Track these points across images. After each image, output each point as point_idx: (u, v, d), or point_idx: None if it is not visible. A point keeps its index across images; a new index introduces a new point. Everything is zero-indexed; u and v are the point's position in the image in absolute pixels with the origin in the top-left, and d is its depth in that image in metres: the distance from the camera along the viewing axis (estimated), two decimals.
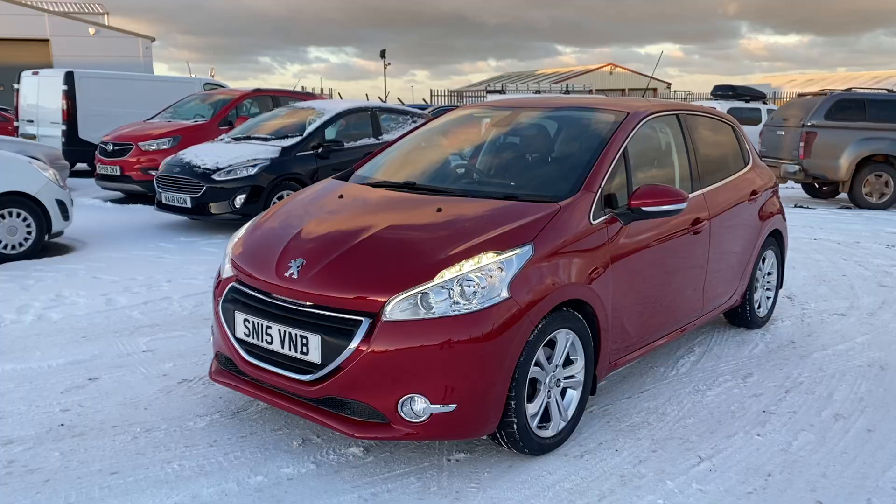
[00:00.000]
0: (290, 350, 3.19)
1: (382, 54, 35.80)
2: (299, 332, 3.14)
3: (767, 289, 5.50)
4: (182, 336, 4.91)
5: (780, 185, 14.73)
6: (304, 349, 3.13)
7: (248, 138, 9.34)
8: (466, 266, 3.09)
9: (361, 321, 3.03)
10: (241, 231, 3.89)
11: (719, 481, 3.19)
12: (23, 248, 7.16)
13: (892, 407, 4.02)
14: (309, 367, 3.13)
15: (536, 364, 3.25)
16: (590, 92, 51.03)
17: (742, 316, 5.24)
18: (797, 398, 4.12)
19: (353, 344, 3.00)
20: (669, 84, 57.87)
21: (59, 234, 7.70)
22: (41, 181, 7.28)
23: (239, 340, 3.42)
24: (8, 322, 5.15)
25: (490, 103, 4.89)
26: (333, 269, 3.22)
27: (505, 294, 3.06)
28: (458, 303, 3.03)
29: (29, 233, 7.20)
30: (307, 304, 3.18)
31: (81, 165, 14.23)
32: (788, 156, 12.63)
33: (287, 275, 3.28)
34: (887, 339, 5.20)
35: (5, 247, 7.05)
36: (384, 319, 3.00)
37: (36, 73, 14.72)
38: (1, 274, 6.50)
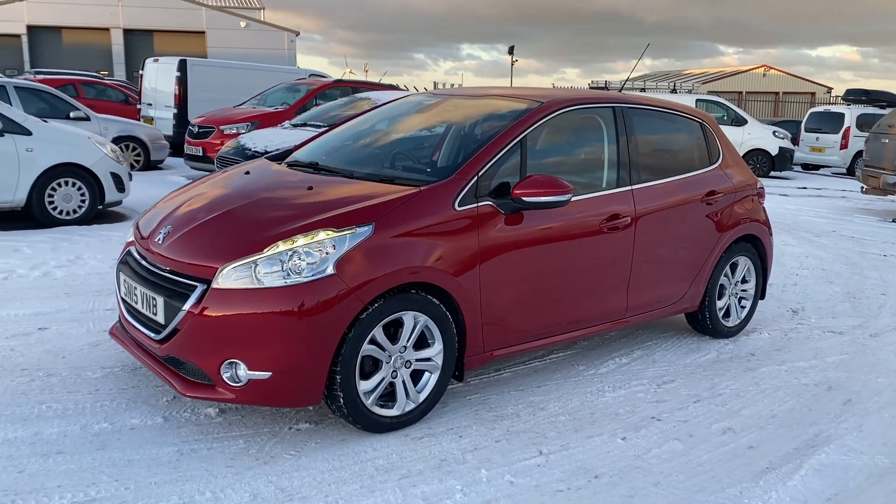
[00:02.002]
0: (146, 310, 3.43)
1: (510, 51, 35.90)
2: (151, 294, 3.37)
3: (743, 298, 5.19)
4: None
5: (886, 198, 13.56)
6: (154, 310, 3.36)
7: (305, 125, 9.76)
8: (300, 241, 3.19)
9: (196, 286, 3.21)
10: (160, 199, 4.18)
11: (538, 476, 3.12)
12: (76, 215, 7.90)
13: (798, 426, 3.74)
14: (158, 327, 3.35)
15: (373, 342, 3.30)
16: (739, 96, 48.69)
17: (702, 323, 4.98)
18: (701, 409, 3.91)
19: (186, 307, 3.19)
20: (830, 88, 54.14)
21: (116, 203, 8.43)
22: (97, 155, 7.99)
23: (122, 299, 3.71)
24: (16, 276, 5.75)
25: (430, 92, 4.93)
26: (188, 237, 3.42)
27: (330, 271, 3.14)
28: (289, 276, 3.14)
29: (83, 201, 7.94)
30: (166, 268, 3.41)
31: None
32: (890, 166, 11.60)
33: (156, 240, 3.53)
34: (865, 361, 4.78)
35: (60, 212, 7.81)
36: (213, 286, 3.17)
37: (156, 60, 15.98)
38: (46, 235, 7.22)
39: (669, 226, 4.45)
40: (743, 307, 5.19)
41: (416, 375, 3.53)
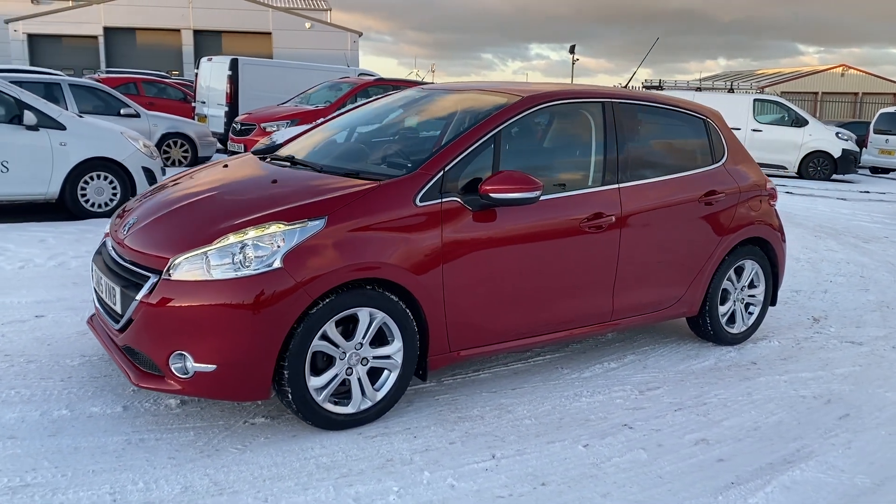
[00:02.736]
0: (108, 299, 3.47)
1: (571, 49, 35.44)
2: (111, 284, 3.41)
3: (750, 304, 4.94)
4: None
5: None
6: (113, 299, 3.39)
7: None
8: (251, 233, 3.17)
9: (150, 277, 3.22)
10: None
11: (482, 481, 3.01)
12: (108, 208, 8.11)
13: (780, 440, 3.52)
14: (117, 316, 3.38)
15: (325, 338, 3.25)
16: (815, 97, 46.92)
17: (704, 328, 4.77)
18: (679, 418, 3.72)
19: (139, 297, 3.20)
20: None
21: None
22: (129, 150, 8.20)
23: (94, 289, 3.76)
24: (32, 265, 5.93)
25: (424, 87, 4.85)
26: (148, 228, 3.44)
27: (277, 265, 3.10)
28: (239, 268, 3.12)
29: (114, 194, 8.15)
30: (126, 258, 3.43)
31: None
32: None
33: (123, 231, 3.56)
34: (878, 374, 4.49)
35: (92, 205, 8.04)
36: (164, 277, 3.17)
37: (210, 60, 16.34)
38: (74, 227, 7.43)
39: (662, 226, 4.26)
40: (750, 313, 4.95)
41: (376, 373, 3.47)
